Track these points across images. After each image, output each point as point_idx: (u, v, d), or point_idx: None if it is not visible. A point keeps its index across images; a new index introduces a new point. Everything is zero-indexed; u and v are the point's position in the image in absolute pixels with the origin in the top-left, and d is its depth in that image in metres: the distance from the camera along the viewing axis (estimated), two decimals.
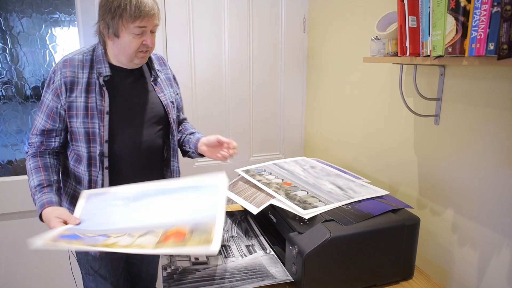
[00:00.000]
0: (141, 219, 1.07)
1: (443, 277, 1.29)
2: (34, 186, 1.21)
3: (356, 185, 1.31)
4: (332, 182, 1.33)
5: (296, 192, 1.21)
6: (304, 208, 1.09)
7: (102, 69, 1.24)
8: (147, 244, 0.93)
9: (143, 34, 1.19)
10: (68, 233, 1.03)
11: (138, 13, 1.13)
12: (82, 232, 1.02)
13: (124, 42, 1.19)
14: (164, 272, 1.03)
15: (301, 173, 1.42)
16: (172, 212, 1.08)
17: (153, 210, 1.11)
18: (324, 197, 1.18)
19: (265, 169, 1.46)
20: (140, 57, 1.23)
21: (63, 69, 1.21)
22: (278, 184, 1.29)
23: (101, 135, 1.23)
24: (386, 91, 1.53)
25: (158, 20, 1.22)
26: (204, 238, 0.90)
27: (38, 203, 1.18)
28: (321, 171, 1.45)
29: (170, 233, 0.96)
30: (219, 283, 0.98)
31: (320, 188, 1.26)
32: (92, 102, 1.22)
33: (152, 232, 0.98)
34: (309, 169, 1.47)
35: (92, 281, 1.38)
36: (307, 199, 1.16)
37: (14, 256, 1.87)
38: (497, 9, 0.83)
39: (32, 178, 1.22)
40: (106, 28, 1.18)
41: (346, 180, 1.36)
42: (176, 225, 0.99)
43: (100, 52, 1.24)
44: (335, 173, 1.43)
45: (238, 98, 2.08)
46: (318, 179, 1.36)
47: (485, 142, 1.12)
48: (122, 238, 0.97)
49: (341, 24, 1.82)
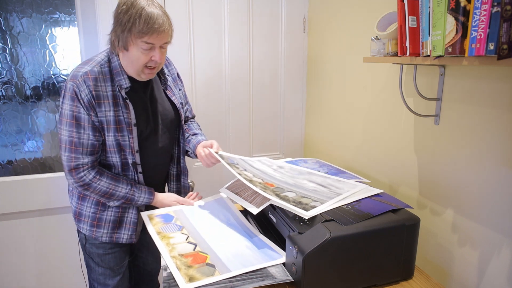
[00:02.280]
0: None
1: (443, 277, 1.29)
2: (129, 190, 1.29)
3: (333, 181, 1.33)
4: (310, 180, 1.33)
5: (286, 193, 1.19)
6: (305, 209, 1.09)
7: (121, 81, 1.23)
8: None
9: (152, 50, 1.18)
10: None
11: (147, 29, 1.12)
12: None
13: (132, 55, 1.18)
14: (164, 272, 1.03)
15: (274, 173, 1.39)
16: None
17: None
18: (315, 196, 1.18)
19: (238, 163, 1.38)
20: (147, 72, 1.23)
21: (87, 82, 1.17)
22: (261, 184, 1.25)
23: (131, 147, 1.27)
24: (386, 91, 1.53)
25: (170, 38, 1.22)
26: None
27: (144, 193, 1.33)
28: (292, 171, 1.43)
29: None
30: (219, 282, 0.98)
31: (303, 187, 1.26)
32: (119, 116, 1.23)
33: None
34: (278, 169, 1.45)
35: (101, 274, 1.41)
36: (301, 200, 1.15)
37: (14, 256, 1.87)
38: (497, 9, 0.83)
39: (120, 187, 1.28)
40: (117, 40, 1.18)
41: (321, 177, 1.37)
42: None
43: (117, 63, 1.23)
44: (307, 171, 1.43)
45: (238, 98, 2.08)
46: (296, 179, 1.34)
47: (485, 142, 1.12)
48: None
49: (341, 24, 1.82)
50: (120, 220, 1.35)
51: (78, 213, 1.35)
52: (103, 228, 1.34)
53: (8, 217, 1.82)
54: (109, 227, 1.34)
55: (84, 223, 1.35)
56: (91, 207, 1.33)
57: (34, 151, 1.91)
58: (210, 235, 1.20)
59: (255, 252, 1.12)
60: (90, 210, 1.33)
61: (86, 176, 1.23)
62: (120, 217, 1.35)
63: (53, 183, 1.84)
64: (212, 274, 1.01)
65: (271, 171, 1.41)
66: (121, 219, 1.35)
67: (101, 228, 1.34)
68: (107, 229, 1.34)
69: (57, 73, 1.87)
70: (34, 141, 1.90)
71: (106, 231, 1.34)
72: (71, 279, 1.97)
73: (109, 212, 1.33)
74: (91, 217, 1.33)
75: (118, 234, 1.36)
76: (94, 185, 1.24)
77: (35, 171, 1.90)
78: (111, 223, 1.34)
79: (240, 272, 1.02)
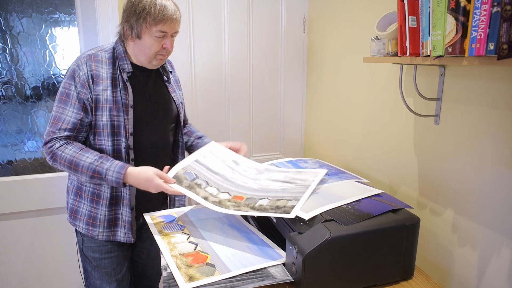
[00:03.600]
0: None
1: (443, 277, 1.29)
2: (96, 160, 1.21)
3: (294, 174, 1.34)
4: (273, 180, 1.32)
5: (259, 203, 1.17)
6: (286, 212, 1.09)
7: (124, 65, 1.29)
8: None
9: (164, 38, 1.25)
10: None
11: (162, 17, 1.19)
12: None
13: (145, 43, 1.24)
14: (164, 272, 1.03)
15: (235, 176, 1.33)
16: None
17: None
18: (287, 195, 1.19)
19: (196, 175, 1.28)
20: (159, 59, 1.30)
21: (88, 63, 1.24)
22: (231, 200, 1.19)
23: (126, 128, 1.28)
24: (386, 91, 1.53)
25: (179, 26, 1.29)
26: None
27: (114, 167, 1.20)
28: (249, 169, 1.39)
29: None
30: (219, 282, 0.98)
31: (272, 190, 1.25)
32: (117, 96, 1.27)
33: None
34: (236, 167, 1.38)
35: (98, 278, 1.40)
36: (277, 204, 1.14)
37: (14, 256, 1.87)
38: (497, 9, 0.83)
39: (86, 156, 1.21)
40: (130, 29, 1.24)
41: (280, 172, 1.38)
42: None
43: (121, 50, 1.29)
44: (264, 168, 1.42)
45: (238, 98, 2.08)
46: (258, 181, 1.32)
47: (485, 142, 1.12)
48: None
49: (341, 24, 1.82)
50: (115, 218, 1.34)
51: (75, 210, 1.35)
52: (98, 227, 1.33)
53: (8, 217, 1.82)
54: (104, 226, 1.33)
55: (80, 221, 1.34)
56: (86, 205, 1.32)
57: (34, 151, 1.91)
58: (211, 235, 1.21)
59: (255, 252, 1.12)
60: (86, 208, 1.33)
61: (54, 144, 1.22)
62: (115, 216, 1.34)
63: (53, 183, 1.84)
64: (212, 274, 1.01)
65: (230, 173, 1.34)
66: (115, 217, 1.34)
67: (96, 227, 1.33)
68: (103, 228, 1.33)
69: (57, 73, 1.87)
70: (34, 141, 1.90)
71: (102, 230, 1.33)
72: (71, 279, 1.97)
73: (102, 211, 1.32)
74: (86, 215, 1.33)
75: (115, 232, 1.35)
76: (59, 153, 1.21)
77: (35, 171, 1.90)
78: (106, 222, 1.32)
79: (240, 272, 1.02)
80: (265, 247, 1.15)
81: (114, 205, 1.33)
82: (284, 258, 1.08)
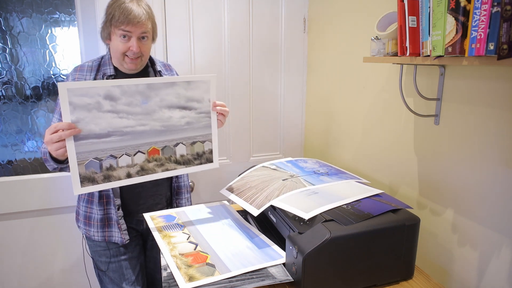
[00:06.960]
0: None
1: (443, 277, 1.29)
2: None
3: (182, 86, 1.21)
4: (167, 106, 1.20)
5: (178, 152, 1.22)
6: (208, 160, 1.21)
7: (107, 70, 1.35)
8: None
9: (129, 40, 1.28)
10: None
11: (123, 19, 1.25)
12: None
13: (114, 44, 1.31)
14: (164, 272, 1.03)
15: (128, 122, 1.16)
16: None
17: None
18: (198, 134, 1.26)
19: (98, 158, 1.11)
20: (128, 62, 1.32)
21: (73, 74, 1.35)
22: (150, 160, 1.17)
23: None
24: (386, 91, 1.53)
25: (148, 30, 1.31)
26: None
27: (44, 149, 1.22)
28: (134, 100, 1.17)
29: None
30: (219, 282, 0.98)
31: (177, 127, 1.22)
32: None
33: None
34: (113, 107, 1.14)
35: (109, 282, 1.46)
36: (197, 151, 1.25)
37: (14, 256, 1.87)
38: (497, 9, 0.83)
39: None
40: (103, 31, 1.33)
41: (166, 87, 1.19)
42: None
43: (107, 57, 1.37)
44: (146, 84, 1.17)
45: (238, 98, 2.08)
46: (155, 114, 1.19)
47: (485, 142, 1.12)
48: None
49: (341, 24, 1.82)
50: (107, 218, 1.39)
51: (76, 211, 1.45)
52: (93, 227, 1.40)
53: (8, 217, 1.82)
54: (98, 225, 1.39)
55: (80, 222, 1.43)
56: (83, 205, 1.41)
57: (34, 151, 1.91)
58: (211, 235, 1.21)
59: (255, 252, 1.12)
60: (82, 209, 1.41)
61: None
62: (107, 215, 1.39)
63: (53, 183, 1.84)
64: (212, 274, 1.01)
65: (119, 122, 1.14)
66: (108, 217, 1.39)
67: (91, 226, 1.40)
68: (97, 227, 1.39)
69: (57, 73, 1.87)
70: (34, 141, 1.90)
71: (96, 230, 1.40)
72: (72, 279, 1.97)
73: (95, 210, 1.38)
74: (83, 215, 1.41)
75: (109, 232, 1.40)
76: (43, 150, 1.25)
77: (35, 171, 1.90)
78: (99, 222, 1.38)
79: (240, 272, 1.02)
80: (265, 247, 1.15)
81: (105, 204, 1.38)
82: (284, 258, 1.08)
